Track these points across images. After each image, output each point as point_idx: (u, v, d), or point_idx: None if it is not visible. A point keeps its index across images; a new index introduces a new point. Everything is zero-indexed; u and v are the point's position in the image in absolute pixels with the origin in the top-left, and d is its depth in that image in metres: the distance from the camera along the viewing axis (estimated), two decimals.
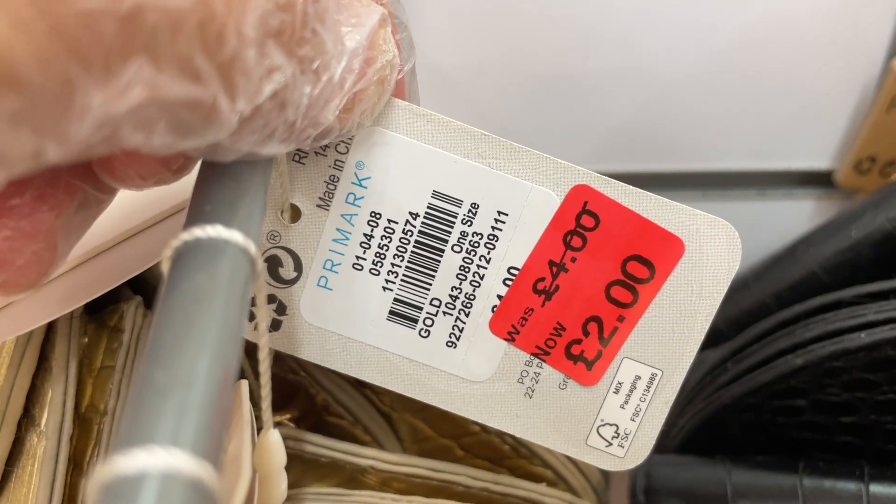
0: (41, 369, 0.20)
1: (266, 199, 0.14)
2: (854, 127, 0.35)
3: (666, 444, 0.30)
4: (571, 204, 0.17)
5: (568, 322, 0.18)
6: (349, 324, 0.18)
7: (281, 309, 0.18)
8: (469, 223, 0.17)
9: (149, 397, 0.09)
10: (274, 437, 0.15)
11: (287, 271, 0.18)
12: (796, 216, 0.37)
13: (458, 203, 0.17)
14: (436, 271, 0.18)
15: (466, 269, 0.18)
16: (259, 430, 0.15)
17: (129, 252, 0.19)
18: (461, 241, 0.18)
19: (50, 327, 0.20)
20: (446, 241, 0.18)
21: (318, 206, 0.18)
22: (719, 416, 0.28)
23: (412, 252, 0.18)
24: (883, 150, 0.35)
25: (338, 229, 0.18)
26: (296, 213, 0.18)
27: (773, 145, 0.36)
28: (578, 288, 0.18)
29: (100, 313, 0.22)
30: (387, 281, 0.18)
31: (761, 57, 0.33)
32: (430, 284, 0.18)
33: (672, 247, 0.18)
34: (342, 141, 0.17)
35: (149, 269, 0.19)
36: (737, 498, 0.25)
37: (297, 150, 0.17)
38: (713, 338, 0.28)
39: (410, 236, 0.17)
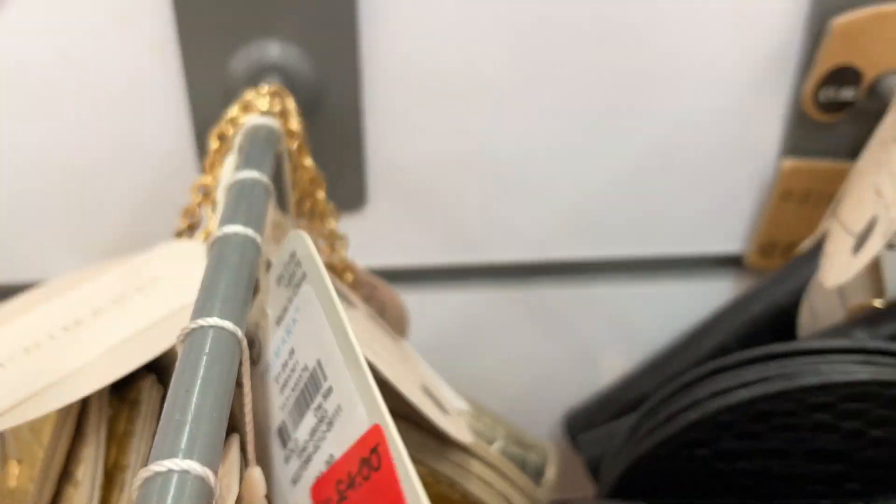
0: (76, 435, 0.25)
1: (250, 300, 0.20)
2: (757, 217, 0.41)
3: (600, 491, 0.35)
4: (367, 439, 0.19)
5: None
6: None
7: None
8: (326, 398, 0.21)
9: (171, 429, 0.14)
10: (256, 472, 0.20)
11: (255, 353, 0.24)
12: (717, 295, 0.43)
13: (324, 379, 0.21)
14: (302, 418, 0.22)
15: (314, 431, 0.21)
16: (246, 467, 0.21)
17: (147, 339, 0.25)
18: (318, 408, 0.21)
19: (84, 401, 0.25)
20: (311, 402, 0.21)
21: (276, 319, 0.23)
22: (639, 468, 0.33)
23: (297, 395, 0.22)
24: (781, 236, 0.41)
25: (280, 340, 0.23)
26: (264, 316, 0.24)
27: (691, 234, 0.42)
28: None
29: (120, 390, 0.27)
30: (283, 403, 0.23)
31: (675, 163, 0.40)
32: (298, 425, 0.22)
33: None
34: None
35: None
36: None
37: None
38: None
39: (300, 381, 0.22)
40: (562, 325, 0.44)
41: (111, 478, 0.25)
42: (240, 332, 0.19)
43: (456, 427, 0.30)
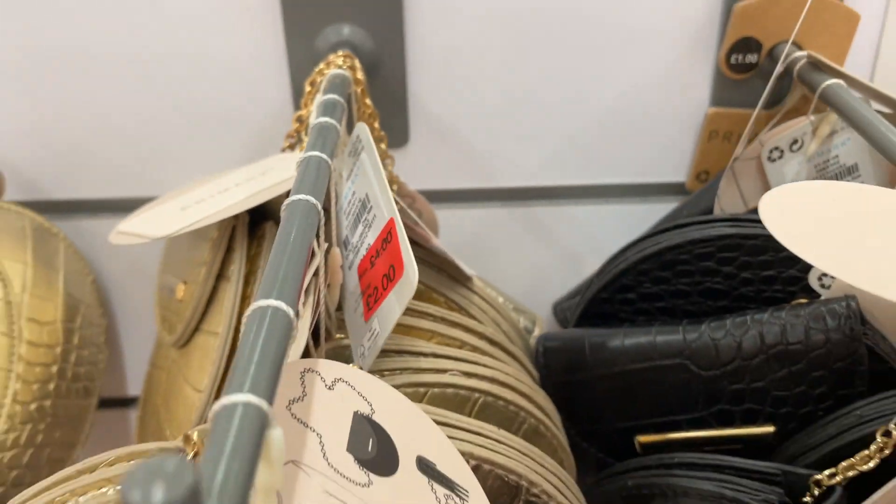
0: (227, 250, 0.42)
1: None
2: (693, 153, 0.55)
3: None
4: (387, 226, 0.35)
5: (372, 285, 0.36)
6: None
7: None
8: (369, 213, 0.37)
9: (238, 374, 0.29)
10: (336, 249, 0.36)
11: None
12: (666, 213, 0.57)
13: (368, 202, 0.38)
14: (356, 228, 0.38)
15: (362, 234, 0.37)
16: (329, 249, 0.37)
17: (268, 192, 0.41)
18: (364, 220, 0.38)
19: (232, 230, 0.42)
20: (361, 217, 0.38)
21: (346, 177, 0.39)
22: (590, 309, 0.47)
23: (354, 216, 0.38)
24: (711, 166, 0.55)
25: (348, 189, 0.39)
26: (340, 178, 0.39)
27: (647, 167, 0.56)
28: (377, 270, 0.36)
29: (253, 230, 0.43)
30: (347, 224, 0.39)
31: (634, 112, 0.55)
32: (354, 233, 0.38)
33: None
34: None
35: None
36: (590, 338, 0.45)
37: None
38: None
39: (356, 207, 0.38)
40: (551, 238, 0.59)
41: (248, 279, 0.41)
42: (315, 201, 0.35)
43: (463, 266, 0.45)
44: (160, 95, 0.53)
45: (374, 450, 0.29)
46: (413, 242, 0.45)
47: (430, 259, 0.45)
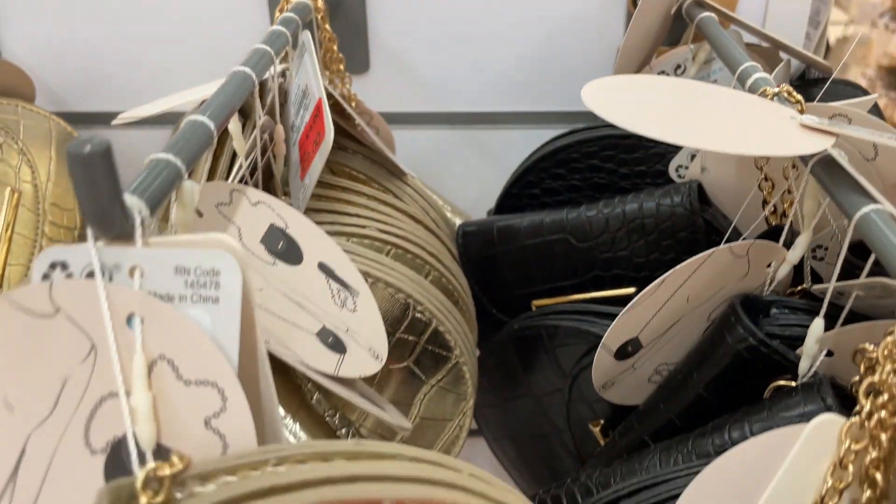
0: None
1: None
2: None
3: None
4: (318, 104, 0.47)
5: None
6: None
7: None
8: (307, 97, 0.49)
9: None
10: (280, 127, 0.47)
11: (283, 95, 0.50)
12: None
13: (307, 88, 0.49)
14: (298, 112, 0.49)
15: (302, 117, 0.49)
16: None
17: None
18: (303, 103, 0.49)
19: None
20: (303, 101, 0.49)
21: (295, 74, 0.50)
22: (503, 205, 0.57)
23: (298, 101, 0.49)
24: None
25: (296, 84, 0.50)
26: (292, 77, 0.50)
27: (572, 95, 0.66)
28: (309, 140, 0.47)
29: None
30: (293, 110, 0.50)
31: (565, 47, 0.64)
32: (297, 116, 0.49)
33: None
34: None
35: None
36: (497, 222, 0.55)
37: None
38: None
39: (300, 94, 0.49)
40: (491, 158, 0.69)
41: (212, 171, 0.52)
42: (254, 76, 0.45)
43: (401, 164, 0.56)
44: (169, 25, 0.64)
45: (283, 248, 0.39)
46: (358, 142, 0.56)
47: (372, 156, 0.56)
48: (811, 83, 0.56)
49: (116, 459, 0.26)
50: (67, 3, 0.64)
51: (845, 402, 0.32)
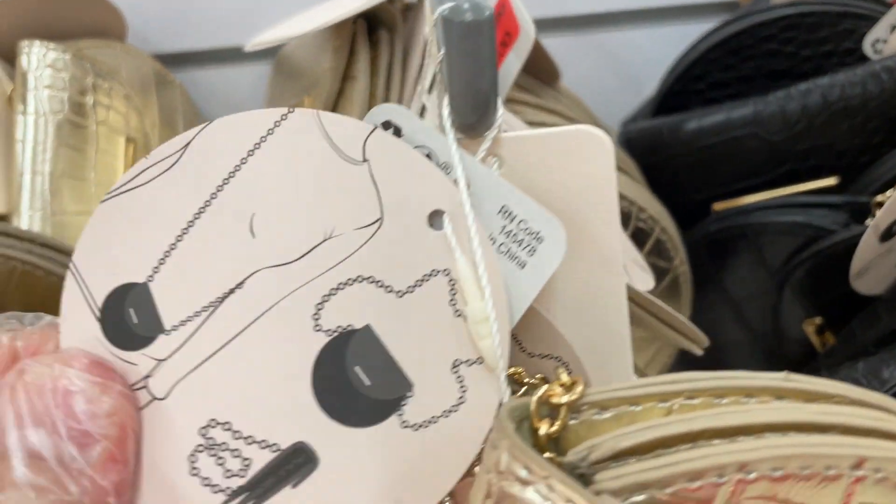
0: (350, 55, 0.47)
1: None
2: None
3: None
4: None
5: None
6: None
7: None
8: None
9: None
10: None
11: None
12: None
13: None
14: None
15: None
16: None
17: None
18: None
19: (353, 39, 0.47)
20: None
21: None
22: (664, 104, 0.53)
23: None
24: None
25: None
26: None
27: None
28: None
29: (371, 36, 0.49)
30: None
31: None
32: None
33: None
34: None
35: None
36: (666, 123, 0.51)
37: None
38: None
39: None
40: (614, 63, 0.64)
41: (371, 80, 0.47)
42: None
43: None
44: None
45: None
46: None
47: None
48: None
49: (336, 350, 0.22)
50: None
51: None
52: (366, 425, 0.22)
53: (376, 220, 0.22)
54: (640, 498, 0.17)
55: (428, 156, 0.22)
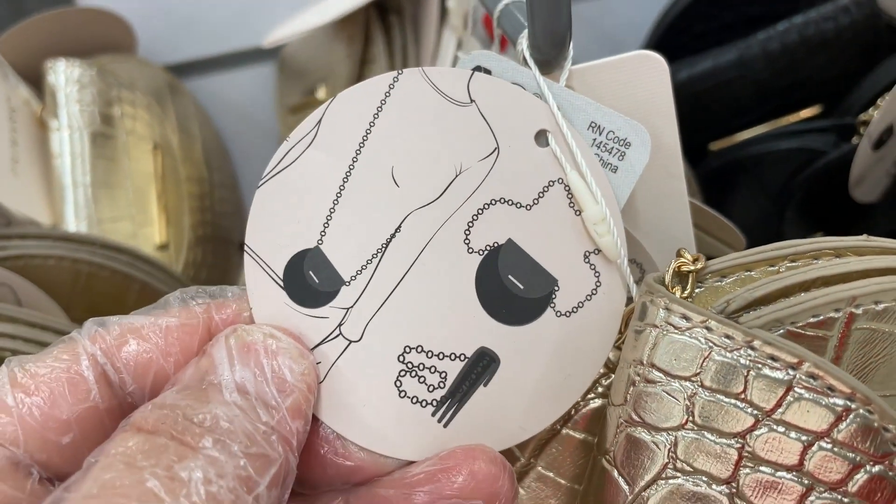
0: (366, 40, 0.51)
1: None
2: None
3: None
4: None
5: None
6: None
7: None
8: None
9: None
10: None
11: None
12: None
13: None
14: None
15: None
16: None
17: None
18: None
19: (366, 25, 0.51)
20: None
21: None
22: (662, 41, 0.57)
23: None
24: None
25: None
26: None
27: None
28: None
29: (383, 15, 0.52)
30: None
31: None
32: None
33: None
34: None
35: None
36: None
37: None
38: None
39: None
40: (596, 30, 0.68)
41: (388, 62, 0.51)
42: None
43: None
44: None
45: None
46: None
47: None
48: None
49: (489, 265, 0.26)
50: None
51: None
52: (529, 322, 0.25)
53: (494, 150, 0.25)
54: (779, 332, 0.21)
55: None
